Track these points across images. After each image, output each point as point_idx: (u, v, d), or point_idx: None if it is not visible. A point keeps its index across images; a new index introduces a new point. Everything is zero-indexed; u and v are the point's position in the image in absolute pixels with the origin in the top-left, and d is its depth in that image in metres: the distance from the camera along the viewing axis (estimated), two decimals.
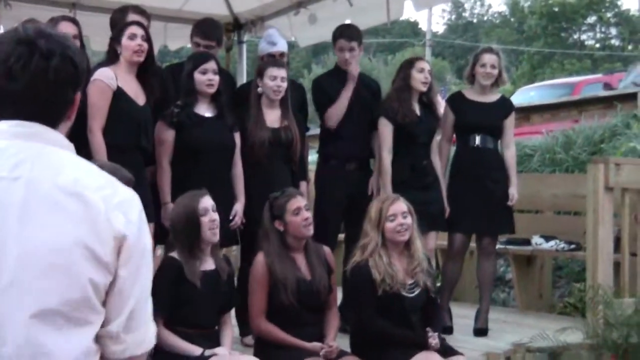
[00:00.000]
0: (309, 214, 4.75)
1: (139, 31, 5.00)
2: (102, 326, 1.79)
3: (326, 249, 4.96)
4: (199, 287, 4.39)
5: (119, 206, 1.79)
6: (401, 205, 4.78)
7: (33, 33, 1.81)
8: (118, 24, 5.27)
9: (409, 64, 5.91)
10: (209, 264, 4.52)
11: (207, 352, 4.29)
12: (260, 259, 4.71)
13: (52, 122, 1.84)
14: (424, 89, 5.82)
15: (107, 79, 4.87)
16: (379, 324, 4.65)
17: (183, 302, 4.37)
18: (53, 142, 1.82)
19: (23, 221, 1.72)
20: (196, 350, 4.29)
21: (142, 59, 5.00)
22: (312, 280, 4.73)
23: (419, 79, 5.78)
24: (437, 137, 6.08)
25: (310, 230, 4.75)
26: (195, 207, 4.44)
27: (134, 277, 1.81)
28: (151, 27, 5.46)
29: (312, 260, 4.79)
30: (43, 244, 1.71)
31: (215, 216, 4.46)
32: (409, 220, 4.75)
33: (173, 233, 4.55)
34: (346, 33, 6.02)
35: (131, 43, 4.96)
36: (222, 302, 4.55)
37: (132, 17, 5.37)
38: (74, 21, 5.42)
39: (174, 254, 4.46)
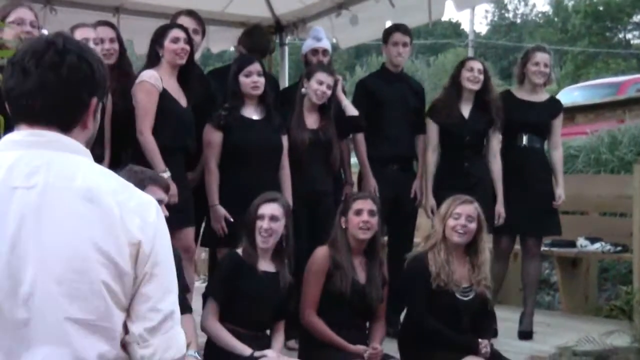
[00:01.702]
0: (370, 219, 4.75)
1: (181, 34, 5.04)
2: (127, 331, 1.80)
3: (384, 262, 4.98)
4: (254, 285, 4.44)
5: (135, 209, 1.80)
6: (470, 208, 4.76)
7: (54, 35, 1.86)
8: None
9: (460, 64, 5.93)
10: (269, 267, 4.57)
11: (257, 354, 4.32)
12: (322, 250, 4.76)
13: (64, 125, 1.85)
14: (473, 87, 5.79)
15: (153, 80, 4.92)
16: (430, 322, 4.65)
17: (238, 297, 4.41)
18: (67, 149, 1.84)
19: (40, 229, 1.73)
20: (246, 351, 4.33)
21: (184, 61, 5.05)
22: (366, 286, 4.74)
23: (468, 77, 5.77)
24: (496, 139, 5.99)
25: (365, 234, 4.76)
26: (254, 210, 4.53)
27: (153, 280, 1.81)
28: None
29: (372, 267, 4.81)
30: (61, 250, 1.73)
31: (270, 225, 4.50)
32: (472, 225, 4.73)
33: (243, 228, 4.64)
34: (402, 27, 6.06)
35: (174, 46, 5.00)
36: (276, 306, 4.58)
37: (182, 20, 5.42)
38: (110, 25, 5.47)
39: (239, 250, 4.56)
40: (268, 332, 4.66)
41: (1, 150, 1.83)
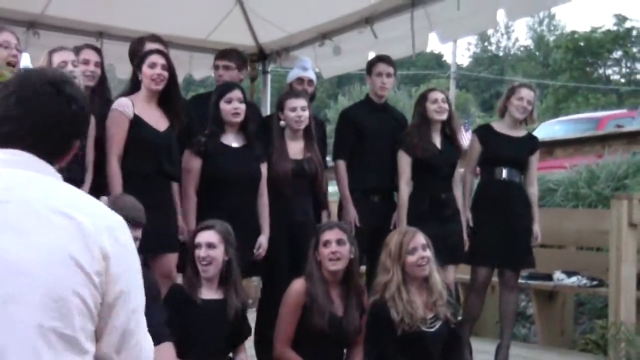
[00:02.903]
0: (338, 249, 4.74)
1: (159, 60, 5.03)
2: (97, 347, 1.84)
3: (363, 290, 4.93)
4: (200, 314, 4.40)
5: (107, 229, 1.86)
6: (420, 238, 4.76)
7: (60, 77, 1.95)
8: (137, 54, 5.33)
9: (422, 97, 5.94)
10: (213, 294, 4.53)
11: None
12: (298, 284, 4.74)
13: (49, 157, 1.93)
14: (439, 118, 5.82)
15: (122, 108, 4.93)
16: None
17: (190, 329, 4.37)
18: (44, 172, 1.91)
19: (15, 241, 1.77)
20: None
21: (160, 87, 5.03)
22: (344, 318, 4.74)
23: (434, 109, 5.80)
24: (460, 169, 6.06)
25: (336, 265, 4.75)
26: (192, 238, 4.54)
27: (122, 297, 1.86)
28: (176, 56, 5.52)
29: (350, 297, 4.80)
30: (35, 261, 1.76)
31: (208, 252, 4.48)
32: (428, 253, 4.73)
33: (185, 259, 4.64)
34: (386, 58, 6.09)
35: (150, 71, 5.01)
36: (231, 334, 4.55)
37: (149, 45, 5.44)
38: (97, 49, 5.49)
39: (181, 281, 4.56)
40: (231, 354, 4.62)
41: None
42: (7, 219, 1.79)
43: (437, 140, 5.85)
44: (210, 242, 4.49)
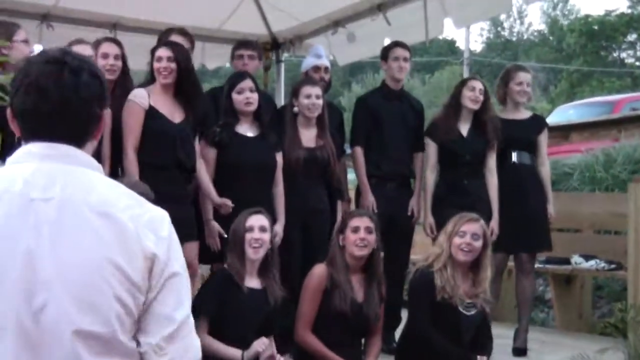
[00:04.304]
0: (367, 236, 4.77)
1: (164, 53, 5.01)
2: (142, 341, 1.81)
3: (383, 279, 4.96)
4: (241, 302, 4.46)
5: (148, 224, 1.83)
6: (476, 226, 4.80)
7: (59, 53, 1.88)
8: None
9: (461, 83, 5.97)
10: (256, 283, 4.59)
11: (246, 356, 4.35)
12: (319, 268, 4.77)
13: (80, 140, 1.88)
14: (473, 107, 5.81)
15: (137, 99, 4.94)
16: (431, 332, 4.66)
17: (224, 313, 4.42)
18: (83, 164, 1.87)
19: (55, 241, 1.75)
20: (237, 354, 4.37)
21: (169, 80, 5.01)
22: (364, 304, 4.75)
23: (469, 97, 5.80)
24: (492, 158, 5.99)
25: (362, 251, 4.77)
26: (242, 223, 4.57)
27: (169, 291, 1.83)
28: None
29: (371, 285, 4.82)
30: (75, 263, 1.74)
31: (260, 235, 4.56)
32: (478, 243, 4.76)
33: (228, 245, 4.68)
34: (401, 43, 6.11)
35: (157, 65, 5.02)
36: (264, 323, 4.58)
37: (174, 38, 5.44)
38: (116, 42, 5.49)
39: (226, 265, 4.60)
40: None
41: (17, 162, 1.85)
42: (47, 219, 1.76)
43: (464, 128, 5.84)
44: (263, 225, 4.60)
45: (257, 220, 4.60)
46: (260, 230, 4.56)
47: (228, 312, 4.43)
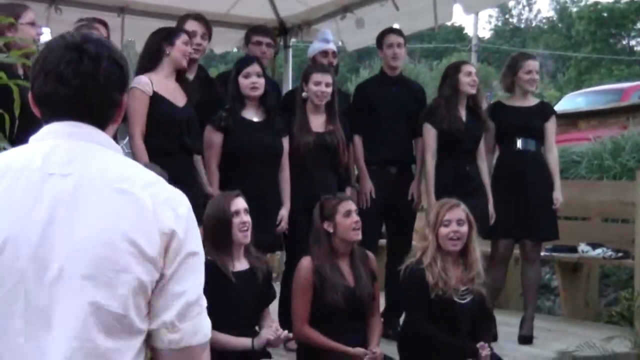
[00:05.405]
0: (359, 219, 4.74)
1: (190, 39, 5.11)
2: (155, 320, 1.82)
3: (370, 256, 4.94)
4: (233, 285, 4.40)
5: (166, 202, 1.83)
6: (459, 212, 4.76)
7: (80, 38, 1.88)
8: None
9: (455, 69, 5.88)
10: (242, 264, 4.54)
11: (256, 343, 4.33)
12: (305, 263, 4.70)
13: (101, 123, 1.89)
14: (473, 91, 5.79)
15: (141, 86, 4.93)
16: (429, 329, 4.64)
17: (221, 302, 4.38)
18: (102, 143, 1.87)
19: (72, 216, 1.75)
20: (246, 343, 4.34)
21: (185, 64, 5.07)
22: (356, 287, 4.72)
23: (468, 82, 5.76)
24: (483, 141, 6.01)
25: (359, 235, 4.74)
26: (226, 208, 4.46)
27: (184, 270, 1.84)
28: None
29: (357, 267, 4.78)
30: (91, 237, 1.74)
31: (247, 218, 4.47)
32: (464, 228, 4.72)
33: (204, 233, 4.57)
34: (394, 29, 6.12)
35: (184, 47, 5.03)
36: (259, 301, 4.56)
37: (191, 24, 5.44)
38: (104, 23, 5.47)
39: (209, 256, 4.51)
40: (257, 328, 4.62)
41: (39, 139, 1.87)
42: (65, 194, 1.77)
43: (463, 114, 5.82)
44: (246, 208, 4.49)
45: (241, 203, 4.49)
46: (245, 213, 4.48)
47: (222, 303, 4.37)
